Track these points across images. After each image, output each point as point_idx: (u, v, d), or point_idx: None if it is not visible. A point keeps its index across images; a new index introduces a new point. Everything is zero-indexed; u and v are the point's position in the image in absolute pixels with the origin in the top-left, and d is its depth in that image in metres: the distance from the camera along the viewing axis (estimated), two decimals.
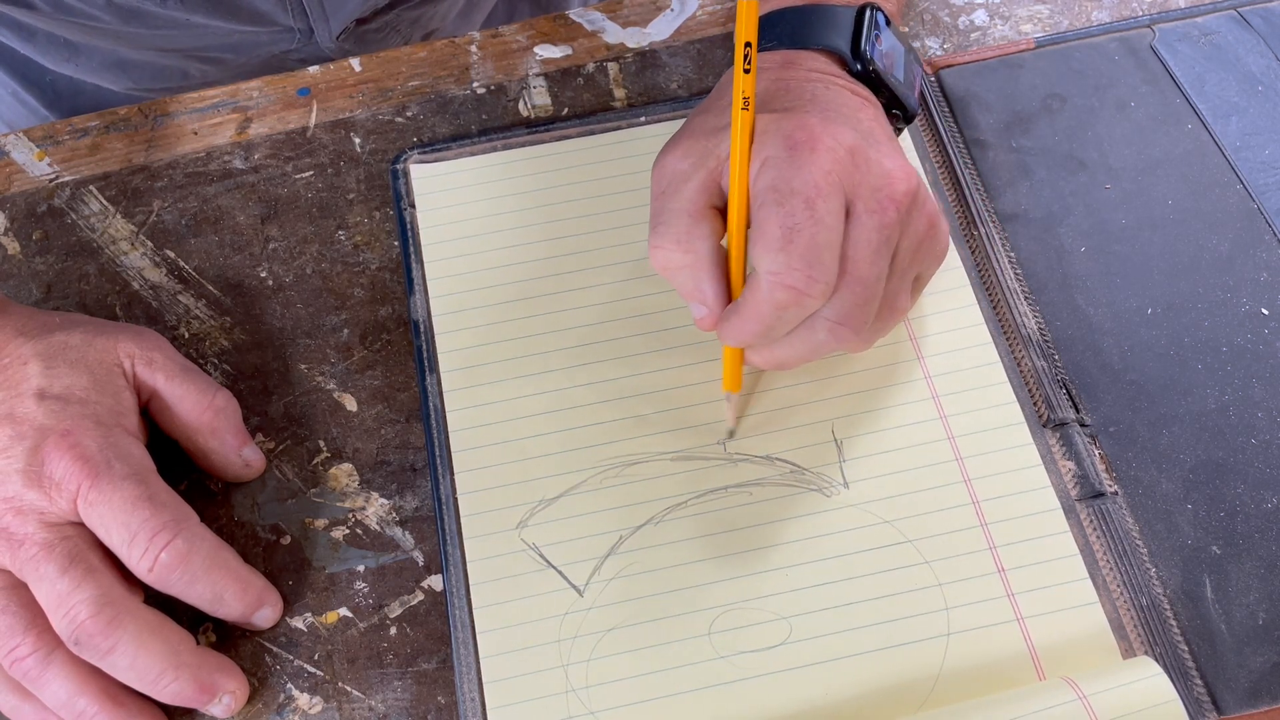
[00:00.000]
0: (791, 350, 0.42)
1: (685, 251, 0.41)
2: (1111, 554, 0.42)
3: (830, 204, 0.39)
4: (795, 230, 0.38)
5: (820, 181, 0.39)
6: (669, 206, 0.41)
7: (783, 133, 0.40)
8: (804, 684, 0.41)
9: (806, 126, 0.40)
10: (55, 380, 0.42)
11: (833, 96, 0.43)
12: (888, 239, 0.40)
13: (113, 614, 0.39)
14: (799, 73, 0.44)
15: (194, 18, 0.58)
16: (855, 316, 0.40)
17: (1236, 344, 0.47)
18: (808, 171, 0.39)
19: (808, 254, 0.38)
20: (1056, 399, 0.45)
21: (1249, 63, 0.54)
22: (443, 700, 0.42)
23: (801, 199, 0.39)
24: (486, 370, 0.47)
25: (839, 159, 0.40)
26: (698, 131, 0.43)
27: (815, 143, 0.40)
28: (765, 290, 0.39)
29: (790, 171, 0.39)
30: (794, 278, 0.38)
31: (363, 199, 0.53)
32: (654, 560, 0.43)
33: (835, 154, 0.40)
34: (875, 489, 0.44)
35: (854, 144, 0.40)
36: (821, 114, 0.41)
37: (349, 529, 0.45)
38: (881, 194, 0.40)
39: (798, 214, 0.39)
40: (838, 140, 0.40)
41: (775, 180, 0.39)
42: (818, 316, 0.40)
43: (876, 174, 0.40)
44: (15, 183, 0.54)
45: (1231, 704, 0.40)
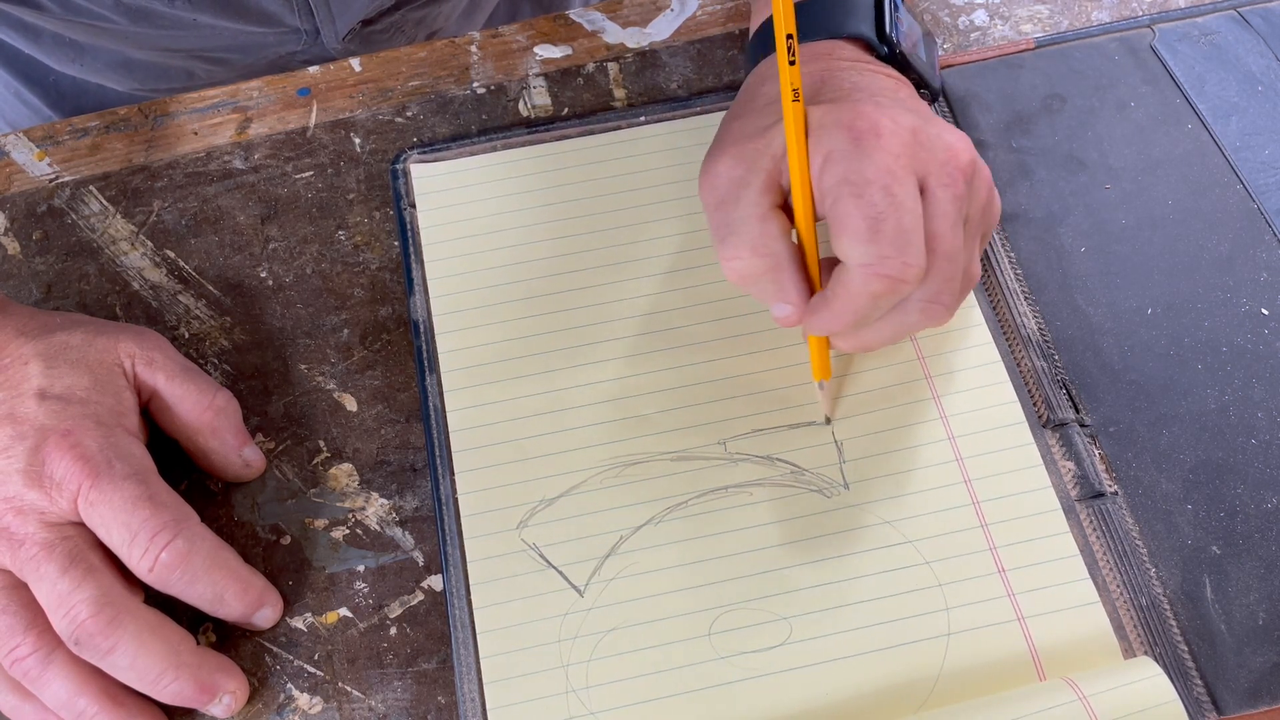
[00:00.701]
0: (882, 333, 0.42)
1: (764, 256, 0.41)
2: (1111, 554, 0.42)
3: (908, 187, 0.39)
4: (880, 219, 0.38)
5: (894, 166, 0.39)
6: (734, 216, 0.41)
7: (842, 124, 0.40)
8: (804, 684, 0.41)
9: (865, 114, 0.40)
10: (56, 380, 0.42)
11: (871, 82, 0.43)
12: (961, 210, 0.41)
13: (113, 614, 0.39)
14: (832, 63, 0.44)
15: (201, 18, 0.58)
16: (946, 292, 0.40)
17: (1236, 344, 0.47)
18: (879, 158, 0.39)
19: (898, 240, 0.38)
20: (1056, 399, 0.45)
21: (1249, 63, 0.54)
22: (443, 700, 0.42)
23: (879, 187, 0.39)
24: (486, 370, 0.47)
25: (905, 141, 0.40)
26: (741, 137, 0.42)
27: (879, 129, 0.40)
28: (860, 282, 0.39)
29: (860, 161, 0.39)
30: (888, 266, 0.38)
31: (363, 199, 0.53)
32: (654, 560, 0.43)
33: (900, 137, 0.40)
34: (875, 489, 0.44)
35: (914, 124, 0.41)
36: (872, 100, 0.41)
37: (349, 529, 0.45)
38: (950, 167, 0.40)
39: (879, 203, 0.39)
40: (898, 123, 0.40)
41: (846, 172, 0.39)
42: (910, 298, 0.40)
43: (941, 149, 0.41)
44: (15, 183, 0.54)
45: (1231, 704, 0.40)
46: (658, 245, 0.50)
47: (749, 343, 0.47)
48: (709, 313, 0.48)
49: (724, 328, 0.48)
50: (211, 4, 0.57)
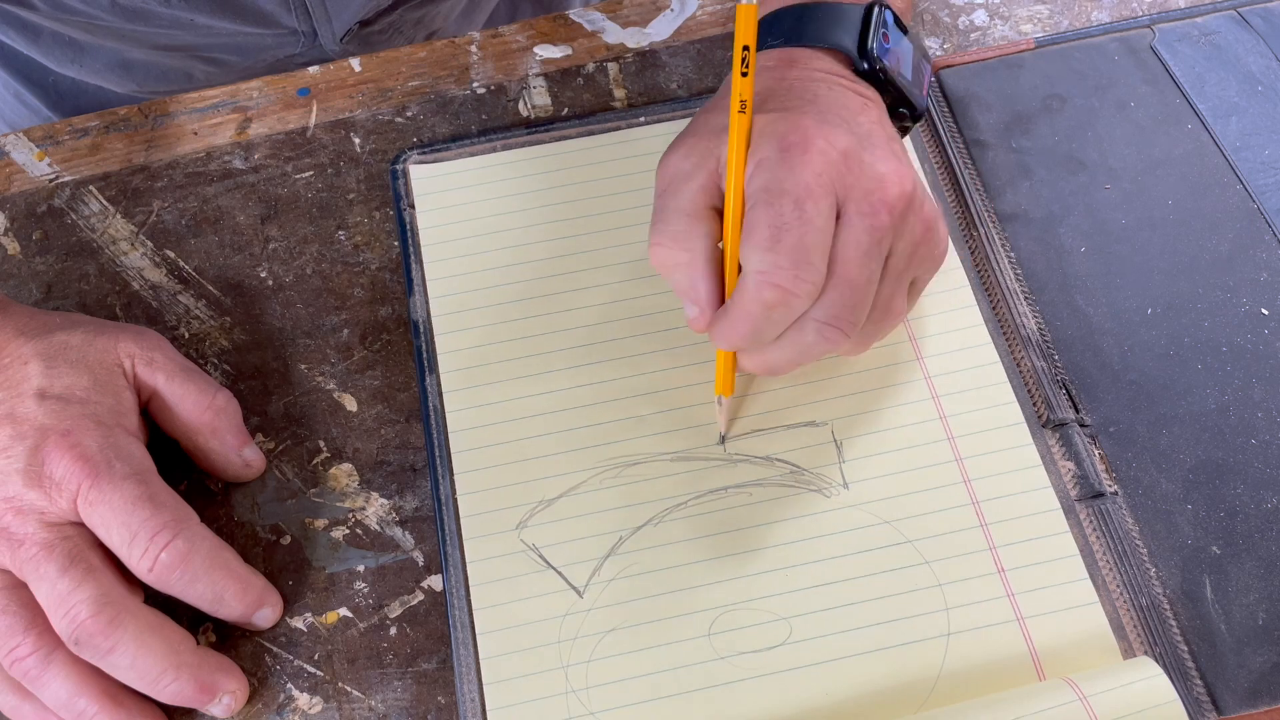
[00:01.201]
0: (781, 353, 0.41)
1: (682, 250, 0.41)
2: (1111, 554, 0.42)
3: (820, 205, 0.39)
4: (783, 229, 0.39)
5: (810, 182, 0.39)
6: (669, 205, 0.41)
7: (777, 134, 0.40)
8: (804, 684, 0.41)
9: (800, 128, 0.40)
10: (56, 380, 0.42)
11: (835, 97, 0.43)
12: (879, 242, 0.40)
13: (113, 614, 0.39)
14: (802, 71, 0.44)
15: (197, 17, 0.58)
16: (844, 318, 0.40)
17: (1236, 344, 0.47)
18: (799, 172, 0.39)
19: (794, 253, 0.39)
20: (1056, 399, 0.45)
21: (1249, 63, 0.54)
22: (443, 700, 0.42)
23: (791, 199, 0.39)
24: (486, 370, 0.47)
25: (831, 161, 0.40)
26: (701, 131, 0.43)
27: (808, 144, 0.40)
28: (753, 289, 0.39)
29: (782, 172, 0.39)
30: (780, 276, 0.39)
31: (363, 199, 0.53)
32: (654, 561, 0.43)
33: (827, 156, 0.40)
34: (875, 489, 0.44)
35: (848, 147, 0.40)
36: (818, 115, 0.41)
37: (349, 529, 0.45)
38: (874, 197, 0.40)
39: (786, 214, 0.39)
40: (830, 142, 0.40)
41: (767, 181, 0.40)
42: (806, 318, 0.40)
43: (869, 177, 0.40)
44: (15, 183, 0.54)
45: (1231, 704, 0.40)
46: None
47: None
48: None
49: None
50: (208, 4, 0.57)
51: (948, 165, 0.51)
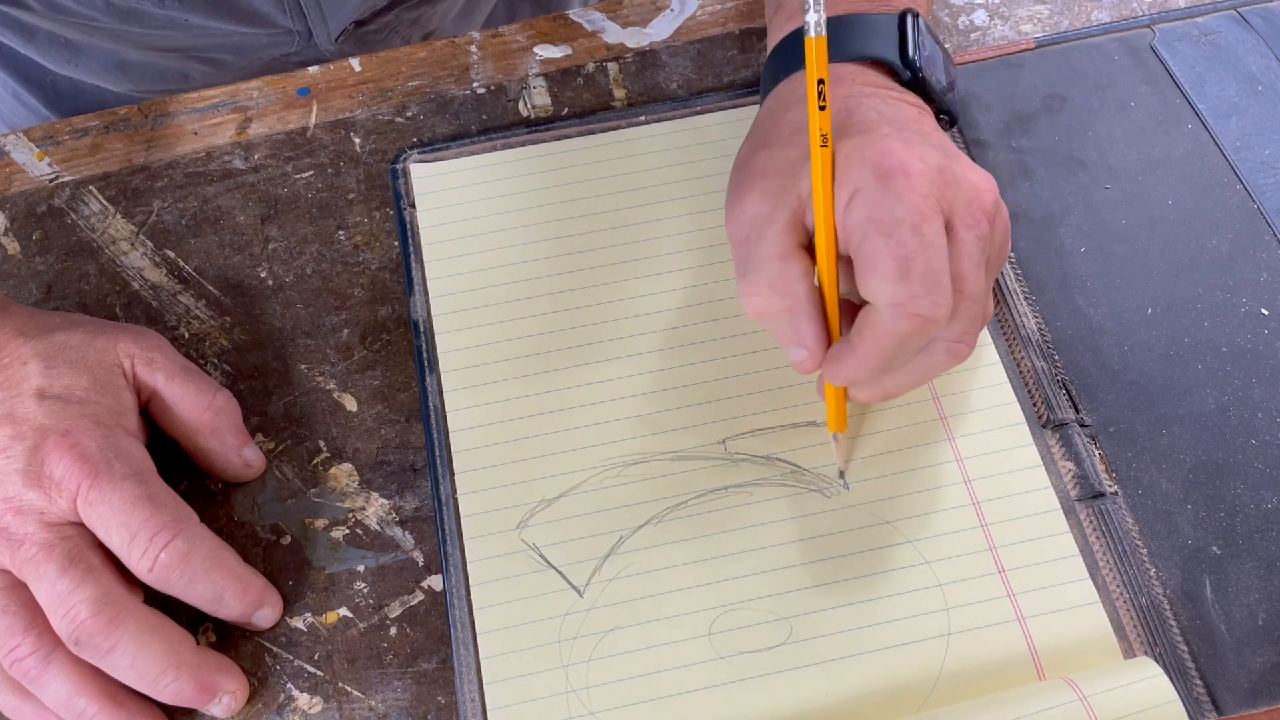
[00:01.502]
0: (907, 379, 0.41)
1: (782, 296, 0.40)
2: (1111, 554, 0.42)
3: (935, 226, 0.39)
4: (910, 259, 0.38)
5: (922, 206, 0.38)
6: (756, 253, 0.40)
7: (869, 161, 0.39)
8: (804, 684, 0.41)
9: (892, 152, 0.39)
10: (55, 380, 0.42)
11: (897, 112, 0.42)
12: (984, 250, 0.40)
13: (113, 614, 0.39)
14: (856, 89, 0.43)
15: (192, 18, 0.58)
16: (970, 332, 0.40)
17: (1236, 344, 0.47)
18: (908, 198, 0.38)
19: (927, 279, 0.38)
20: (1056, 399, 0.45)
21: (1249, 63, 0.54)
22: (443, 700, 0.42)
23: (908, 226, 0.38)
24: (486, 370, 0.47)
25: (932, 180, 0.39)
26: (770, 170, 0.42)
27: (907, 168, 0.39)
28: (890, 322, 0.38)
29: (889, 200, 0.38)
30: (919, 305, 0.38)
31: (363, 199, 0.53)
32: (654, 561, 0.43)
33: (928, 176, 0.39)
34: (875, 489, 0.44)
35: (940, 162, 0.40)
36: (899, 135, 0.40)
37: (349, 529, 0.45)
38: (974, 208, 0.40)
39: (909, 242, 0.38)
40: (926, 162, 0.39)
41: (874, 211, 0.39)
42: (936, 340, 0.40)
43: (967, 188, 0.40)
44: (15, 183, 0.54)
45: (1231, 704, 0.40)
46: (657, 245, 0.50)
47: (749, 343, 0.47)
48: (709, 312, 0.48)
49: (723, 328, 0.48)
50: (202, 4, 0.57)
51: None
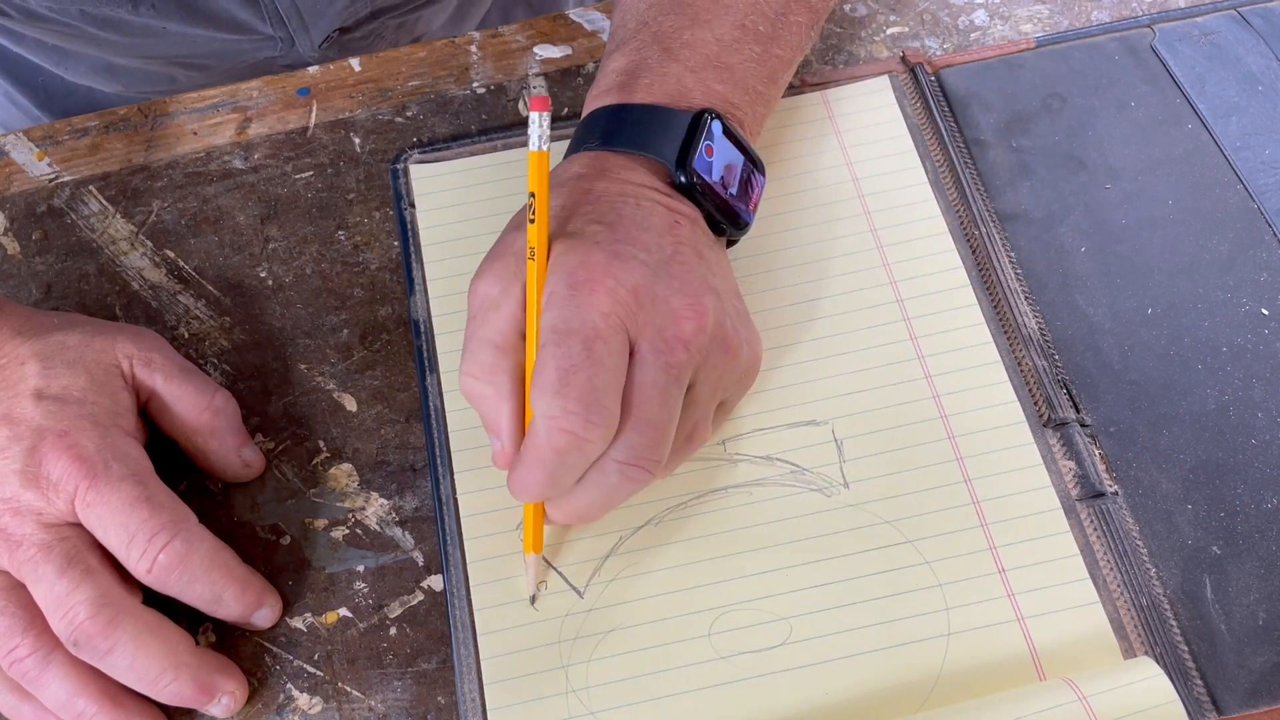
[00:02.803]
0: (586, 497, 0.40)
1: (488, 383, 0.40)
2: (1112, 554, 0.42)
3: (610, 345, 0.38)
4: (571, 371, 0.37)
5: (599, 323, 0.38)
6: (477, 334, 0.40)
7: (566, 269, 0.39)
8: (804, 684, 0.41)
9: (588, 264, 0.39)
10: (53, 380, 0.42)
11: (639, 216, 0.41)
12: (676, 378, 0.39)
13: (111, 615, 0.39)
14: (611, 184, 0.42)
15: (169, 25, 0.58)
16: (646, 456, 0.39)
17: (1236, 344, 0.47)
18: (586, 312, 0.38)
19: (584, 396, 0.37)
20: (1057, 399, 0.45)
21: (1249, 63, 0.54)
22: (443, 701, 0.42)
23: (579, 339, 0.37)
24: None
25: (620, 299, 0.38)
26: (506, 253, 0.41)
27: (595, 282, 0.38)
28: (543, 435, 0.38)
29: (570, 311, 0.38)
30: (570, 421, 0.37)
31: (363, 199, 0.53)
32: (654, 561, 0.43)
33: (616, 294, 0.38)
34: (875, 489, 0.44)
35: (639, 282, 0.39)
36: (612, 244, 0.39)
37: (349, 529, 0.45)
38: (667, 333, 0.39)
39: (574, 354, 0.37)
40: (619, 280, 0.38)
41: (555, 319, 0.38)
42: (607, 459, 0.39)
43: (662, 313, 0.39)
44: (15, 183, 0.54)
45: (1231, 704, 0.40)
46: None
47: None
48: None
49: None
50: (179, 11, 0.57)
51: (948, 164, 0.51)
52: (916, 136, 0.53)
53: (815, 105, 0.54)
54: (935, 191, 0.51)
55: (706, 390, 0.41)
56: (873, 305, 0.48)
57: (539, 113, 0.39)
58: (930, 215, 0.50)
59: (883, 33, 0.56)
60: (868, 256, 0.49)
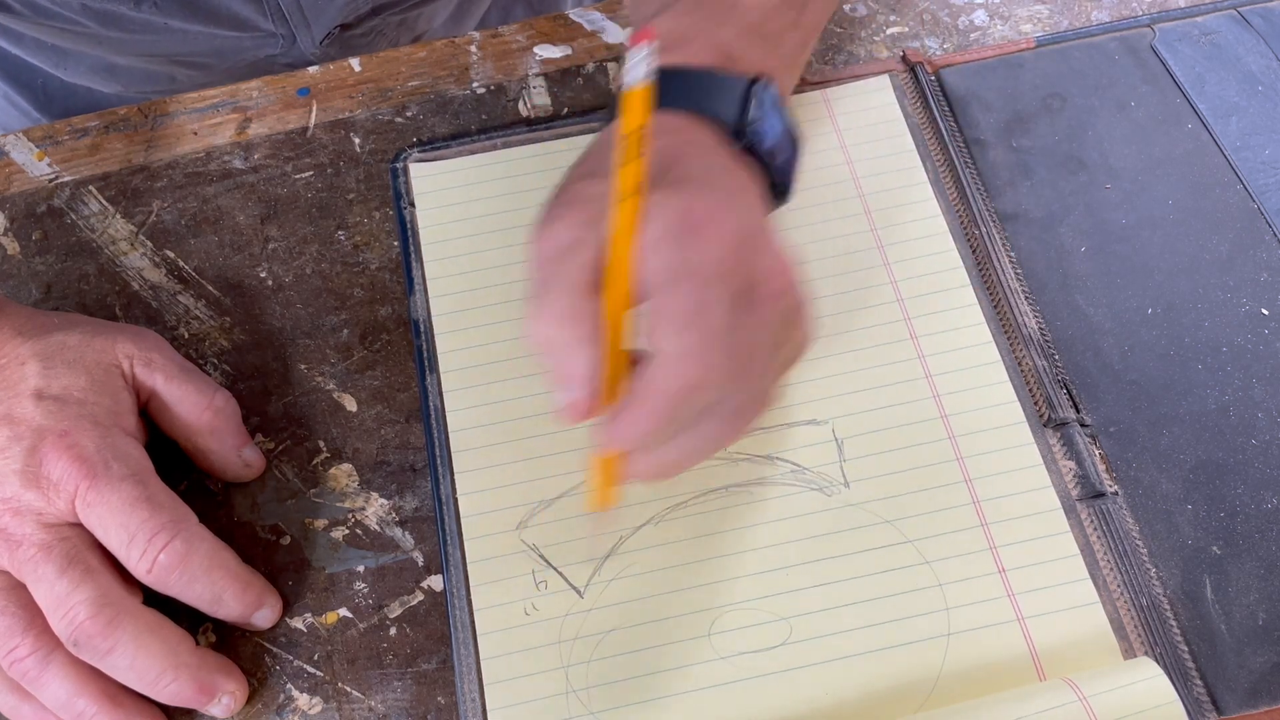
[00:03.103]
0: (684, 449, 0.38)
1: (570, 329, 0.37)
2: (1112, 554, 0.42)
3: (728, 287, 0.37)
4: (700, 311, 0.36)
5: (714, 266, 0.37)
6: (554, 278, 0.38)
7: (678, 211, 0.38)
8: (804, 684, 0.41)
9: (697, 206, 0.38)
10: (53, 380, 0.42)
11: (718, 173, 0.41)
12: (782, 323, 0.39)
13: (111, 615, 0.39)
14: (679, 141, 0.41)
15: (171, 22, 0.58)
16: (752, 406, 0.38)
17: (1236, 344, 0.47)
18: (708, 253, 0.37)
19: (710, 335, 0.36)
20: (1057, 399, 0.45)
21: (1249, 63, 0.54)
22: (443, 701, 0.42)
23: (698, 281, 0.37)
24: (486, 370, 0.47)
25: (736, 244, 0.38)
26: (585, 199, 0.40)
27: (704, 227, 0.37)
28: (671, 374, 0.36)
29: (685, 253, 0.37)
30: (702, 358, 0.36)
31: (362, 199, 0.53)
32: (654, 561, 0.43)
33: (724, 239, 0.38)
34: (876, 489, 0.44)
35: (742, 227, 0.38)
36: (713, 193, 0.39)
37: (349, 529, 0.45)
38: (771, 283, 0.38)
39: (695, 296, 0.37)
40: (734, 222, 0.38)
41: (670, 262, 0.37)
42: (719, 405, 0.38)
43: (768, 260, 0.39)
44: (15, 183, 0.54)
45: (1231, 704, 0.40)
46: None
47: None
48: None
49: None
50: (180, 8, 0.57)
51: (948, 164, 0.51)
52: (917, 136, 0.53)
53: (815, 104, 0.54)
54: (935, 191, 0.51)
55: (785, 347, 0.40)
56: (873, 305, 0.48)
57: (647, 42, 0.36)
58: (930, 215, 0.50)
59: (883, 33, 0.56)
60: (868, 256, 0.49)
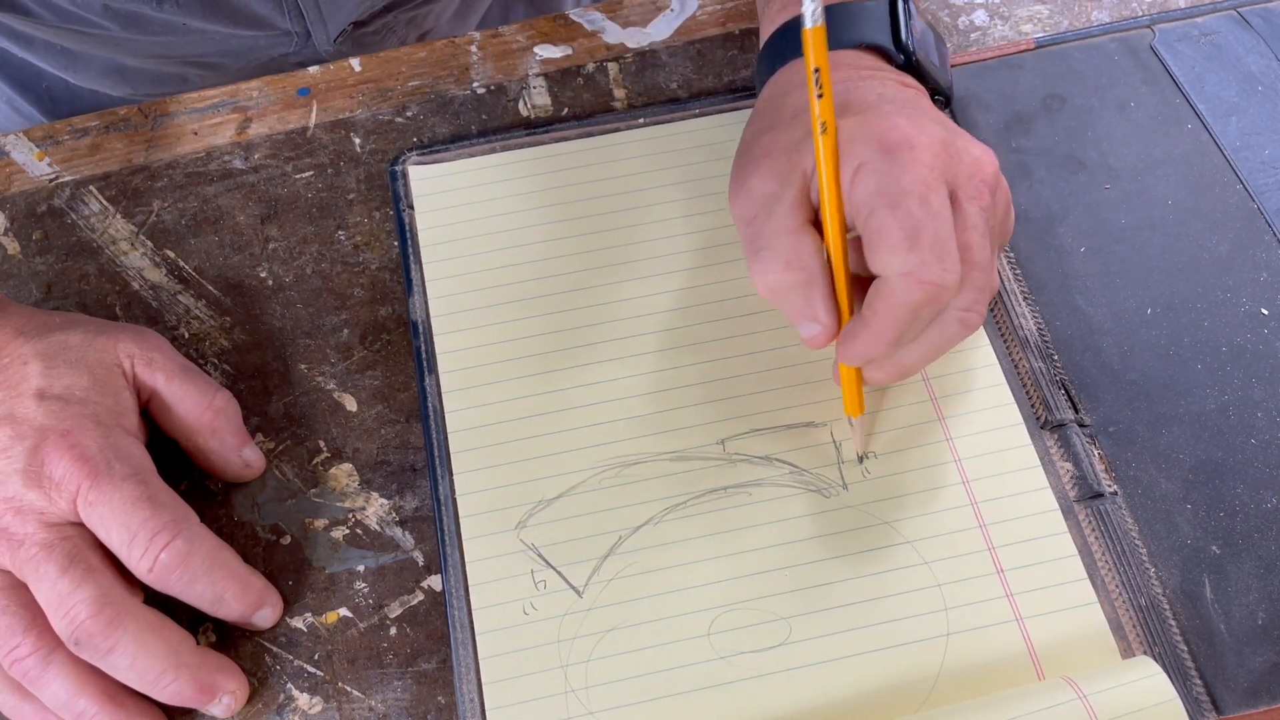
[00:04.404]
0: (920, 353, 0.41)
1: (796, 270, 0.40)
2: (1110, 554, 0.42)
3: (941, 197, 0.39)
4: (919, 229, 0.38)
5: (928, 177, 0.39)
6: (766, 228, 0.41)
7: (873, 137, 0.40)
8: (803, 684, 0.41)
9: (896, 127, 0.40)
10: (55, 380, 0.42)
11: (895, 93, 0.43)
12: (988, 221, 0.41)
13: (112, 614, 0.39)
14: (853, 73, 0.44)
15: (191, 21, 0.58)
16: (980, 300, 0.41)
17: (1236, 344, 0.47)
18: (913, 170, 0.39)
19: (936, 247, 0.38)
20: (1055, 400, 0.45)
21: (1249, 63, 0.54)
22: (442, 700, 0.42)
23: (915, 197, 0.39)
24: (486, 370, 0.47)
25: (936, 153, 0.40)
26: (774, 150, 0.42)
27: (911, 140, 0.40)
28: (901, 291, 0.39)
29: (895, 173, 0.39)
30: (930, 273, 0.38)
31: (362, 199, 0.53)
32: (653, 561, 0.43)
33: (932, 149, 0.40)
34: (874, 490, 0.44)
35: (943, 136, 0.41)
36: (900, 111, 0.41)
37: (349, 529, 0.45)
38: (977, 179, 0.41)
39: (916, 213, 0.38)
40: (929, 135, 0.40)
41: (880, 184, 0.39)
42: (948, 310, 0.40)
43: (969, 161, 0.41)
44: (15, 183, 0.54)
45: (1231, 704, 0.40)
46: (656, 246, 0.50)
47: (747, 343, 0.48)
48: (707, 313, 0.48)
49: (722, 328, 0.48)
50: (200, 7, 0.57)
51: None
52: None
53: None
54: None
55: (995, 235, 0.42)
56: None
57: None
58: None
59: None
60: None
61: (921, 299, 0.39)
